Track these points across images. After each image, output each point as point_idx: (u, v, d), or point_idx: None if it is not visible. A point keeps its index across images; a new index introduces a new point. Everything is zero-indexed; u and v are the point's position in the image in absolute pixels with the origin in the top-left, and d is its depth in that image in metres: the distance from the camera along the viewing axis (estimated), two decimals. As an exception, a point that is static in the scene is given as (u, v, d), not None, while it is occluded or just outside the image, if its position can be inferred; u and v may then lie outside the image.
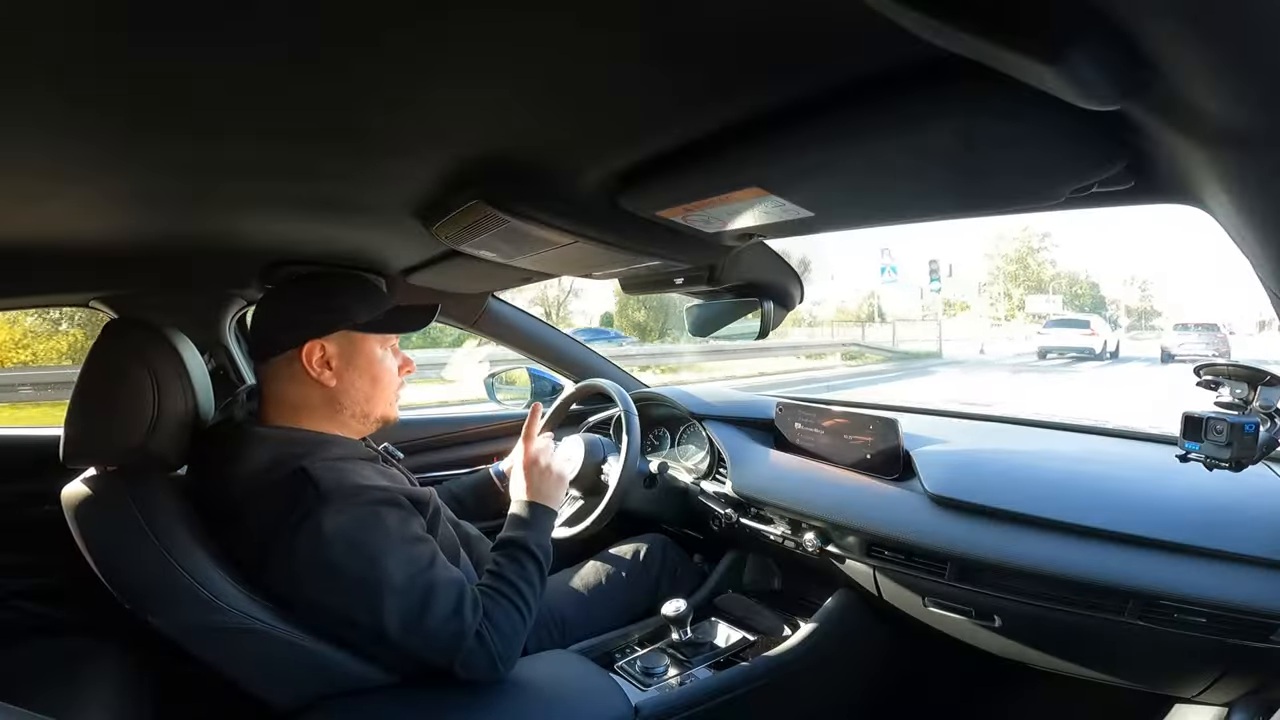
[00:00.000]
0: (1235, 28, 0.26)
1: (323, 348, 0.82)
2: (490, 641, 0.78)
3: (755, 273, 1.00)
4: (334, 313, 0.83)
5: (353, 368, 0.84)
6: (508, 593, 0.83)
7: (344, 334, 0.84)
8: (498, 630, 0.79)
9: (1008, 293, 33.99)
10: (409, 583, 0.75)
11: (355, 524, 0.74)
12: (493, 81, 0.47)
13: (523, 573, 0.85)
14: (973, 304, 33.83)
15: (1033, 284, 34.47)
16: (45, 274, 1.08)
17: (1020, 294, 33.52)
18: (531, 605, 0.84)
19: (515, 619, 0.81)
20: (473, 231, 0.79)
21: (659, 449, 1.56)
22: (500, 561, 0.86)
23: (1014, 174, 0.56)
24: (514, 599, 0.82)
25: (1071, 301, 35.35)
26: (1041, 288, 33.80)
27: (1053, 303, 29.02)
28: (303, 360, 0.82)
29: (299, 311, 0.84)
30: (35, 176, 0.64)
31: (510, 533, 0.90)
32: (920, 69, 0.42)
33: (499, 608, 0.81)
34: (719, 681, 0.99)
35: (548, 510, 0.95)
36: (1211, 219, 0.54)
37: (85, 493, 0.74)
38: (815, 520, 1.12)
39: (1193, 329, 14.93)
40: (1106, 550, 0.84)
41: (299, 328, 0.82)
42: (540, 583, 0.87)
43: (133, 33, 0.38)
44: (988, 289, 34.48)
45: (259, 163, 0.65)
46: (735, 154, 0.56)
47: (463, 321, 1.53)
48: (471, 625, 0.77)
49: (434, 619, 0.75)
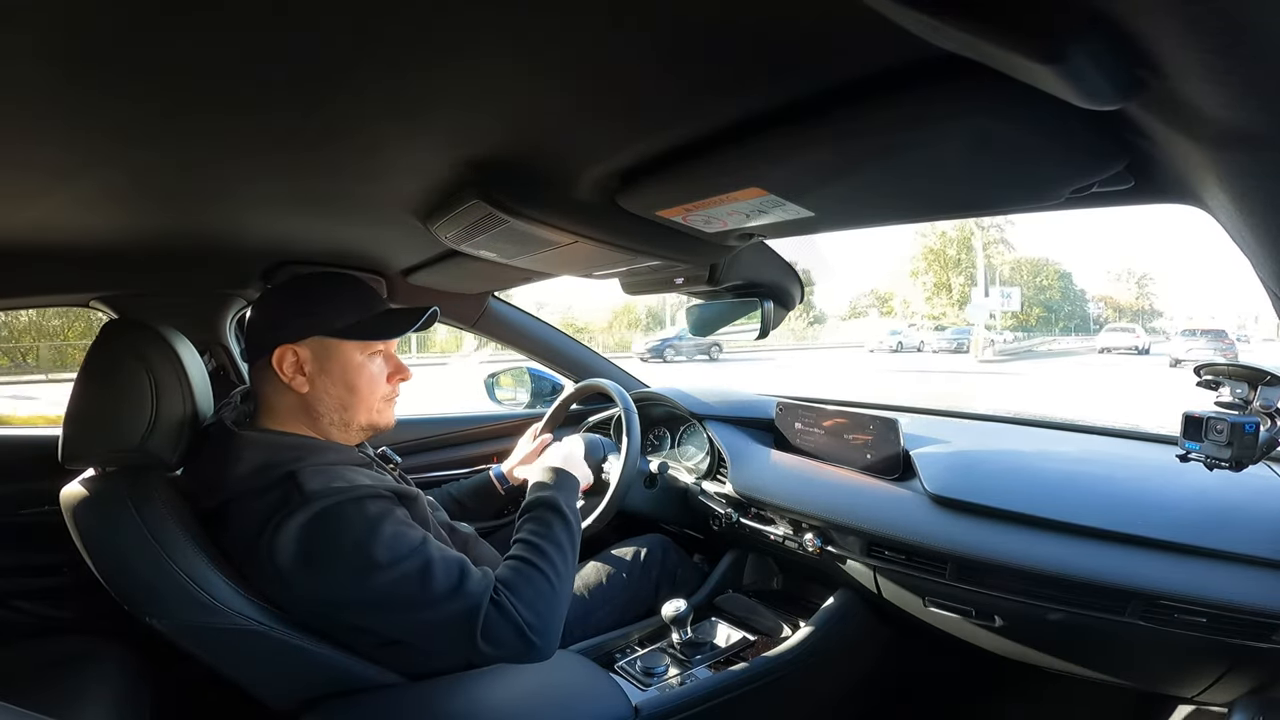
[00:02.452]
0: (1235, 28, 0.26)
1: (295, 353, 0.80)
2: (513, 610, 0.74)
3: (755, 273, 1.00)
4: (308, 317, 0.81)
5: (325, 374, 0.82)
6: (531, 557, 0.79)
7: (318, 340, 0.81)
8: (521, 599, 0.75)
9: (944, 283, 28.07)
10: (400, 564, 0.72)
11: (334, 514, 0.73)
12: (493, 82, 0.47)
13: (549, 534, 0.82)
14: (906, 296, 28.83)
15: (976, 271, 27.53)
16: (45, 274, 1.08)
17: (963, 285, 27.28)
18: (562, 571, 0.80)
19: (543, 586, 0.77)
20: (473, 231, 0.79)
21: (659, 449, 1.56)
22: (525, 527, 0.84)
23: (1014, 174, 0.56)
24: (540, 564, 0.79)
25: (1036, 296, 30.35)
26: (992, 278, 26.80)
27: (1009, 298, 24.07)
28: (274, 365, 0.80)
29: (276, 314, 0.82)
30: (34, 175, 0.64)
31: (536, 494, 0.88)
32: (920, 69, 0.42)
33: (523, 578, 0.77)
34: (719, 681, 0.99)
35: (572, 475, 0.92)
36: (1211, 219, 0.54)
37: (84, 493, 0.74)
38: (815, 520, 1.12)
39: (1200, 335, 15.12)
40: (1106, 550, 0.84)
41: (274, 330, 0.81)
42: (571, 545, 0.84)
43: (132, 32, 0.38)
44: (919, 279, 28.72)
45: (259, 162, 0.65)
46: (735, 154, 0.56)
47: (463, 321, 1.53)
48: (480, 594, 0.73)
49: (435, 594, 0.72)
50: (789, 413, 1.34)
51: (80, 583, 0.78)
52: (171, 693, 0.99)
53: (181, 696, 1.00)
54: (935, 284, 28.58)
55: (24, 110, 0.48)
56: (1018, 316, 28.18)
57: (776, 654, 1.05)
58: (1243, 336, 21.77)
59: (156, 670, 0.98)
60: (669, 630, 1.09)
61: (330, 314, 0.82)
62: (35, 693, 0.85)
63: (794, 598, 1.28)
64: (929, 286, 28.55)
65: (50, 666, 0.93)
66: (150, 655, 0.97)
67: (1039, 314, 31.00)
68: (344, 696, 0.78)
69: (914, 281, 29.10)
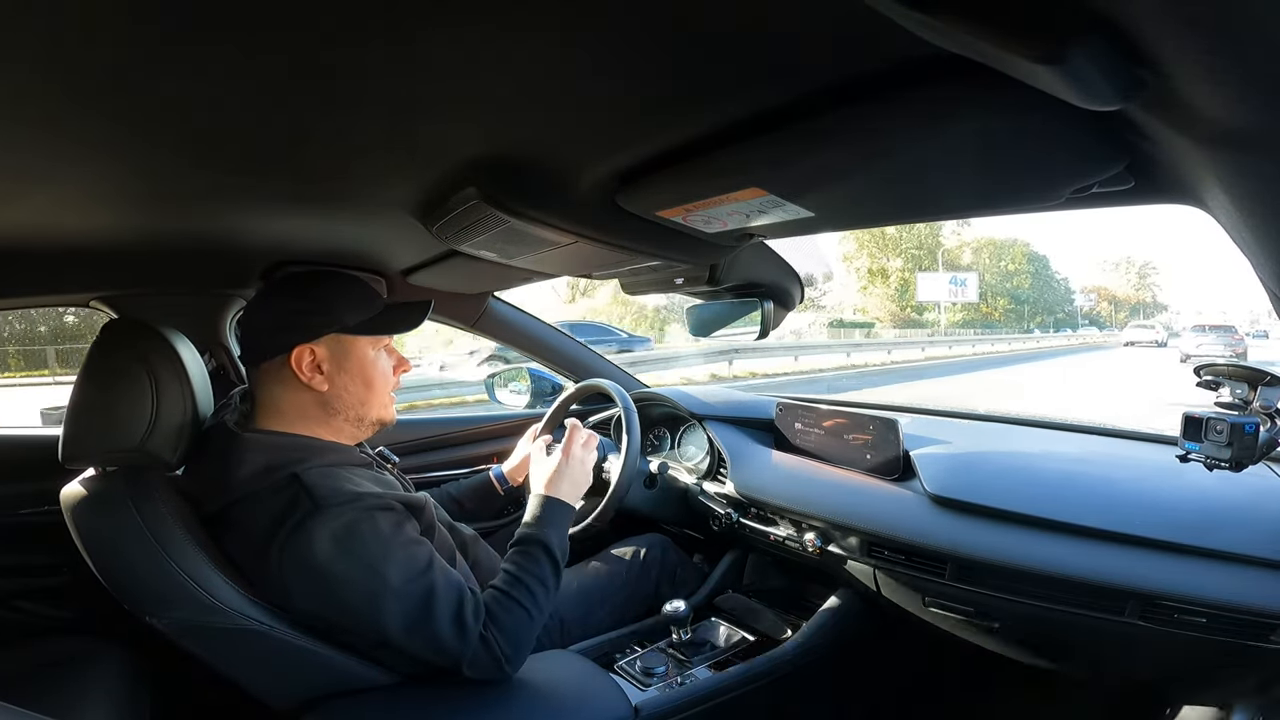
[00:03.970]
0: (1235, 28, 0.26)
1: (312, 352, 0.81)
2: (495, 644, 0.78)
3: (755, 273, 1.00)
4: (323, 315, 0.81)
5: (344, 371, 0.83)
6: (517, 594, 0.82)
7: (334, 337, 0.82)
8: (503, 633, 0.79)
9: (880, 269, 23.47)
10: (408, 586, 0.74)
11: (349, 530, 0.74)
12: (492, 81, 0.47)
13: (538, 571, 0.85)
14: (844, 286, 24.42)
15: (924, 255, 22.04)
16: (45, 274, 1.07)
17: (903, 269, 22.97)
18: (543, 605, 0.84)
19: (523, 620, 0.81)
20: (473, 231, 0.79)
21: (659, 449, 1.56)
22: (516, 560, 0.86)
23: (1014, 174, 0.56)
24: (523, 600, 0.82)
25: (1002, 284, 24.92)
26: (949, 261, 21.38)
27: (965, 286, 19.89)
28: (292, 365, 0.80)
29: (287, 315, 0.82)
30: (33, 174, 0.64)
31: (530, 529, 0.90)
32: (921, 69, 0.42)
33: (506, 611, 0.81)
34: (719, 681, 0.99)
35: (568, 508, 0.95)
36: (1211, 219, 0.54)
37: (84, 493, 0.74)
38: (815, 520, 1.12)
39: (1210, 330, 15.26)
40: (1106, 550, 0.84)
41: (287, 331, 0.81)
42: (554, 582, 0.87)
43: (132, 32, 0.38)
44: (852, 264, 24.21)
45: (259, 162, 0.64)
46: (735, 154, 0.56)
47: (463, 322, 1.53)
48: (474, 630, 0.77)
49: (436, 623, 0.75)
50: (789, 413, 1.34)
51: (80, 583, 0.78)
52: (171, 693, 0.99)
53: (181, 696, 1.00)
54: (870, 270, 24.07)
55: (22, 108, 0.48)
56: (980, 309, 24.05)
57: (776, 654, 1.06)
58: (1260, 332, 21.91)
59: (156, 670, 0.98)
60: (669, 630, 1.09)
61: (343, 311, 0.83)
62: (35, 693, 0.85)
63: (794, 598, 1.28)
64: (863, 274, 24.30)
65: (50, 666, 0.93)
66: (150, 655, 0.97)
67: (1004, 305, 26.62)
68: (344, 696, 0.78)
69: (847, 267, 24.90)
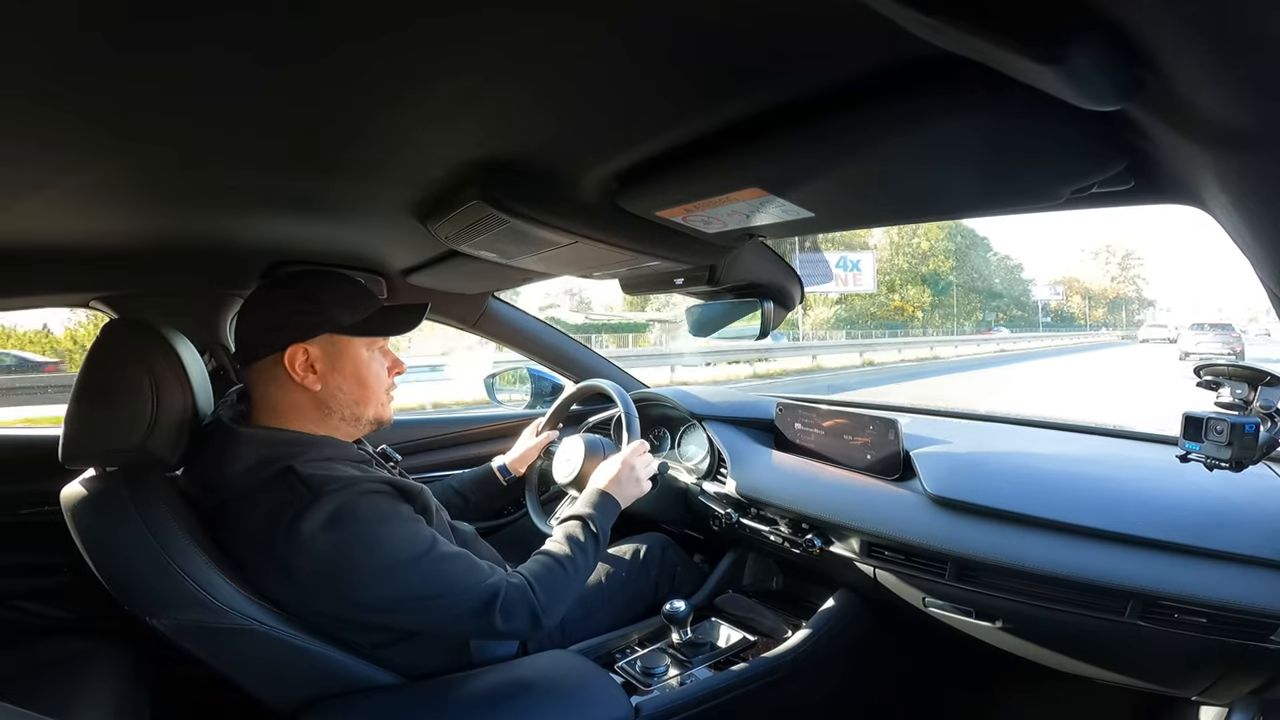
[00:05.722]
0: (1234, 28, 0.26)
1: (306, 351, 0.81)
2: (533, 591, 0.82)
3: (755, 273, 1.00)
4: (317, 315, 0.81)
5: (337, 371, 0.83)
6: (557, 554, 0.88)
7: (328, 337, 0.82)
8: (540, 583, 0.83)
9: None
10: (416, 551, 0.76)
11: (347, 510, 0.74)
12: (493, 82, 0.47)
13: (580, 543, 0.91)
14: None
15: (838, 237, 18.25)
16: (45, 274, 1.07)
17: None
18: (582, 573, 0.90)
19: (561, 579, 0.86)
20: (473, 231, 0.79)
21: (659, 449, 1.56)
22: (560, 533, 0.93)
23: (1014, 174, 0.56)
24: (565, 563, 0.87)
25: (916, 268, 19.95)
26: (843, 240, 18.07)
27: (854, 269, 17.32)
28: (286, 364, 0.80)
29: (281, 314, 0.81)
30: (33, 174, 0.64)
31: (582, 509, 0.98)
32: (920, 70, 0.42)
33: (545, 566, 0.86)
34: (719, 681, 0.99)
35: (617, 505, 1.02)
36: (1211, 219, 0.54)
37: (84, 493, 0.74)
38: (815, 520, 1.12)
39: (1209, 329, 15.39)
40: (1106, 550, 0.84)
41: (281, 330, 0.81)
42: (595, 554, 0.93)
43: (132, 30, 0.38)
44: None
45: (259, 162, 0.64)
46: (735, 154, 0.56)
47: (463, 322, 1.53)
48: (495, 577, 0.80)
49: (457, 580, 0.78)
50: (789, 413, 1.34)
51: (80, 583, 0.78)
52: (171, 693, 0.99)
53: (181, 697, 1.00)
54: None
55: (21, 108, 0.48)
56: (877, 300, 18.84)
57: (776, 654, 1.05)
58: (1262, 332, 22.14)
59: (156, 670, 0.98)
60: (669, 630, 1.09)
61: (338, 312, 0.83)
62: (35, 693, 0.85)
63: (794, 598, 1.28)
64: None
65: (50, 666, 0.93)
66: (150, 655, 0.97)
67: (922, 297, 21.20)
68: (344, 696, 0.78)
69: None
